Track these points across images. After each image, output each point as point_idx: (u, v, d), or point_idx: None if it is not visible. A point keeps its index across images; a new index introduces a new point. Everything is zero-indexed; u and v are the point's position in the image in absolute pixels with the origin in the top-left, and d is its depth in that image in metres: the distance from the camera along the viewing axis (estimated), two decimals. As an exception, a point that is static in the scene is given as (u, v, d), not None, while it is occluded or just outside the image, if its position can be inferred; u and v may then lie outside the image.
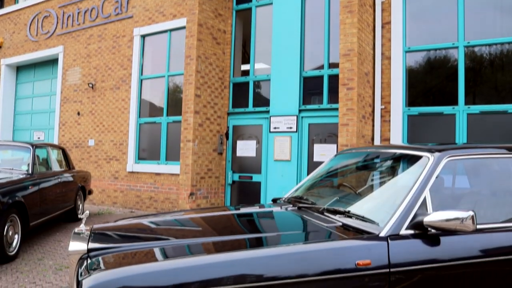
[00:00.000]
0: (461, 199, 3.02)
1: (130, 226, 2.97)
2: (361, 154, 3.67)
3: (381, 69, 7.43)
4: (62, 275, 5.01)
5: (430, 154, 2.75)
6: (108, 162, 11.09)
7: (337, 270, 2.21)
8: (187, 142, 8.32)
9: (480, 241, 2.55)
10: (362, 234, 2.46)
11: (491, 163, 2.94)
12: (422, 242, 2.42)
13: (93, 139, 11.48)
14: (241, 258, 2.14)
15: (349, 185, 3.40)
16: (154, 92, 10.63)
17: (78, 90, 11.98)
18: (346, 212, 2.82)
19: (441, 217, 2.35)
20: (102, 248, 2.42)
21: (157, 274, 2.00)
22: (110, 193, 10.94)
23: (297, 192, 3.73)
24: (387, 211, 2.57)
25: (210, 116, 8.75)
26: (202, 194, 8.49)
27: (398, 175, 3.04)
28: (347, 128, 6.58)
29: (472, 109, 6.74)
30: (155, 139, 10.36)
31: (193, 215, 3.25)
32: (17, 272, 5.08)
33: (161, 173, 9.97)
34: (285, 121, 8.13)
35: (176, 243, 2.46)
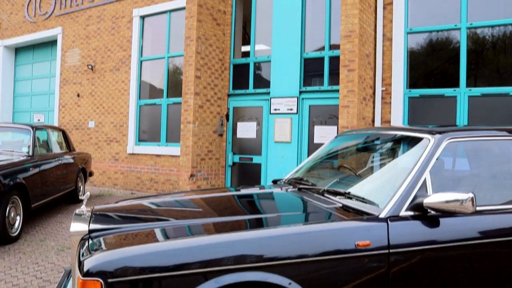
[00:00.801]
0: (461, 181, 3.02)
1: (131, 207, 2.99)
2: (361, 136, 3.67)
3: (382, 50, 7.37)
4: (64, 256, 5.06)
5: (430, 136, 2.75)
6: (108, 144, 11.10)
7: (337, 250, 2.23)
8: (187, 124, 8.31)
9: (479, 222, 2.56)
10: (362, 215, 2.47)
11: (492, 145, 2.93)
12: (422, 223, 2.44)
13: (93, 121, 11.47)
14: (241, 238, 2.15)
15: (349, 166, 3.41)
16: (154, 73, 10.57)
17: (78, 71, 11.92)
18: (346, 193, 2.82)
19: (441, 199, 2.36)
20: (103, 229, 2.43)
21: (158, 255, 2.02)
22: (111, 175, 10.97)
23: (297, 174, 3.73)
24: (387, 192, 2.57)
25: (210, 97, 8.72)
26: (203, 176, 8.52)
27: (399, 156, 3.04)
28: (347, 110, 6.56)
29: (473, 92, 6.71)
30: (155, 121, 10.34)
31: (193, 196, 3.26)
32: (20, 253, 5.12)
33: (161, 155, 9.98)
34: (286, 102, 8.10)
35: (176, 224, 2.47)
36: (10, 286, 4.07)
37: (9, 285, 4.08)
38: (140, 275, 1.97)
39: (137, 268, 1.97)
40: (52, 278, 4.30)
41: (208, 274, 2.03)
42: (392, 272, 2.32)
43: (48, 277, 4.33)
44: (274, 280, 2.10)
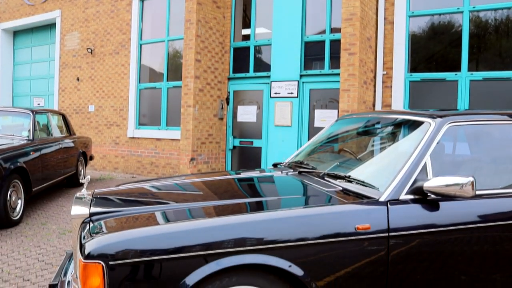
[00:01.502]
0: (461, 166, 3.02)
1: (132, 190, 2.99)
2: (362, 120, 3.66)
3: (383, 34, 7.31)
4: (65, 239, 5.09)
5: (431, 120, 2.74)
6: (108, 128, 11.09)
7: (336, 234, 2.24)
8: (187, 107, 8.29)
9: (479, 206, 2.57)
10: (362, 198, 2.48)
11: (493, 129, 2.93)
12: (422, 207, 2.44)
13: (93, 104, 11.44)
14: (242, 221, 2.16)
15: (349, 150, 3.41)
16: (154, 57, 10.51)
17: (77, 55, 11.85)
18: (346, 177, 2.83)
19: (441, 183, 2.36)
20: (104, 212, 2.44)
21: (158, 238, 2.03)
22: (111, 159, 10.98)
23: (297, 157, 3.73)
24: (387, 176, 2.58)
25: (210, 81, 8.68)
26: (203, 159, 8.53)
27: (399, 140, 3.04)
28: (348, 93, 6.53)
29: (475, 76, 6.68)
30: (156, 105, 10.32)
31: (194, 180, 3.26)
32: (22, 236, 5.16)
33: (161, 139, 9.98)
34: (286, 86, 8.07)
35: (177, 207, 2.48)
36: (13, 268, 4.11)
37: (12, 268, 4.12)
38: (141, 258, 1.98)
39: (138, 250, 1.98)
40: (54, 261, 4.33)
41: (208, 256, 2.04)
42: (391, 255, 2.33)
43: (50, 260, 4.36)
44: (274, 262, 2.11)
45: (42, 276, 3.92)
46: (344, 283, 2.27)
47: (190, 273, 2.02)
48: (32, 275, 3.94)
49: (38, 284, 3.74)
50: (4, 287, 3.68)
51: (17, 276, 3.92)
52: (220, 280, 2.09)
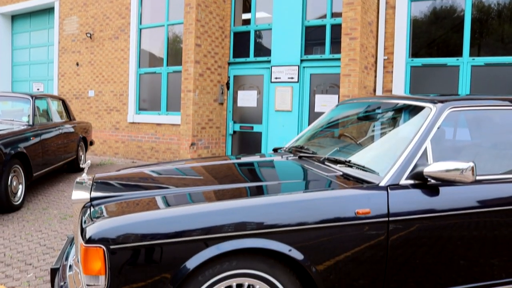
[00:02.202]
0: (462, 151, 3.02)
1: (132, 175, 3.00)
2: (362, 105, 3.64)
3: (385, 18, 7.25)
4: (67, 223, 5.12)
5: (432, 105, 2.73)
6: (108, 113, 11.07)
7: (336, 218, 2.24)
8: (187, 92, 8.26)
9: (478, 192, 2.57)
10: (362, 183, 2.48)
11: (494, 115, 2.92)
12: (422, 192, 2.45)
13: (93, 90, 11.40)
14: (242, 206, 2.16)
15: (350, 135, 3.40)
16: (154, 42, 10.44)
17: (76, 40, 11.77)
18: (346, 161, 2.83)
19: (441, 168, 2.36)
20: (105, 196, 2.45)
21: (159, 222, 2.03)
22: (111, 144, 10.99)
23: (298, 142, 3.73)
24: (388, 161, 2.58)
25: (210, 66, 8.63)
26: (203, 144, 8.53)
27: (400, 125, 3.03)
28: (349, 78, 6.50)
29: (476, 61, 6.64)
30: (156, 90, 10.28)
31: (194, 164, 3.27)
32: (23, 221, 5.18)
33: (162, 124, 9.97)
34: (287, 71, 8.03)
35: (177, 191, 2.48)
36: (15, 252, 4.14)
37: (14, 252, 4.15)
38: (141, 242, 1.99)
39: (138, 235, 1.99)
40: (55, 245, 4.36)
41: (208, 241, 2.05)
42: (391, 240, 2.35)
43: (52, 244, 4.39)
44: (274, 247, 2.12)
45: (44, 260, 3.95)
46: (343, 267, 2.28)
47: (191, 257, 2.03)
48: (34, 259, 3.97)
49: (40, 268, 3.77)
50: (7, 270, 3.71)
51: (19, 260, 3.95)
52: (221, 264, 2.10)
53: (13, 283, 3.48)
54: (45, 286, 3.44)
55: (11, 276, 3.60)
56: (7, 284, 3.46)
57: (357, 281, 2.33)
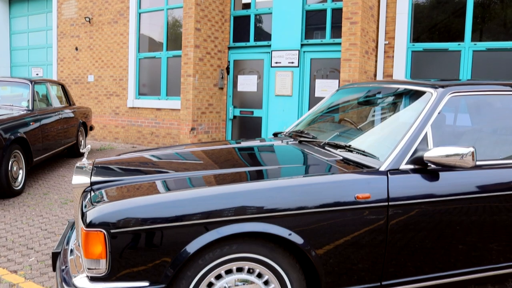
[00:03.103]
0: (462, 136, 3.02)
1: (132, 159, 3.00)
2: (363, 89, 3.63)
3: (386, 3, 7.18)
4: (67, 208, 5.14)
5: (433, 89, 2.72)
6: (108, 98, 11.04)
7: (336, 203, 2.25)
8: (187, 77, 8.23)
9: (478, 177, 2.57)
10: (362, 168, 2.48)
11: (495, 100, 2.91)
12: (422, 177, 2.45)
13: (93, 74, 11.35)
14: (242, 190, 2.17)
15: (350, 120, 3.39)
16: (153, 26, 10.36)
17: (75, 24, 11.68)
18: (347, 146, 2.83)
19: (441, 153, 2.36)
20: (105, 181, 2.45)
21: (159, 206, 2.04)
22: (111, 129, 10.98)
23: (298, 127, 3.73)
24: (388, 146, 2.57)
25: (210, 50, 8.58)
26: (203, 129, 8.52)
27: (400, 110, 3.02)
28: (349, 63, 6.47)
29: (478, 46, 6.59)
30: (155, 74, 10.24)
31: (194, 149, 3.27)
32: (24, 206, 5.20)
33: (162, 109, 9.95)
34: (287, 55, 7.99)
35: (177, 176, 2.48)
36: (16, 237, 4.16)
37: (15, 236, 4.17)
38: (142, 226, 2.00)
39: (139, 219, 2.00)
40: (56, 229, 4.39)
41: (209, 225, 2.06)
42: (390, 224, 2.36)
43: (53, 229, 4.41)
44: (274, 231, 2.13)
45: (45, 245, 3.98)
46: (343, 251, 2.30)
47: (191, 241, 2.04)
48: (36, 244, 4.00)
49: (42, 252, 3.80)
50: (9, 255, 3.74)
51: (21, 245, 3.97)
52: (221, 248, 2.12)
53: (15, 267, 3.51)
54: (47, 270, 3.46)
55: (13, 260, 3.63)
56: (9, 268, 3.49)
57: (357, 265, 2.35)
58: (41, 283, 3.23)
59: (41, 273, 3.40)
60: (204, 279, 2.14)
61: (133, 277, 2.02)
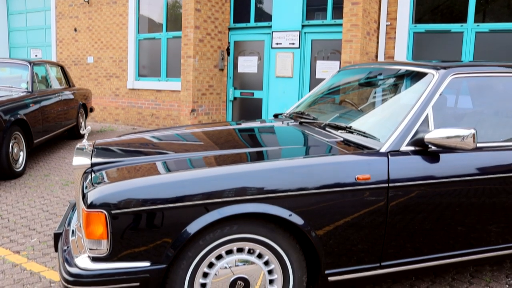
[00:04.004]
0: (463, 118, 3.01)
1: (133, 140, 2.99)
2: (364, 71, 3.61)
3: (388, -18, 7.09)
4: (68, 190, 5.16)
5: (435, 71, 2.70)
6: (108, 80, 10.99)
7: (337, 184, 2.25)
8: (187, 58, 8.18)
9: (479, 159, 2.57)
10: (363, 149, 2.48)
11: (497, 82, 2.89)
12: (422, 158, 2.45)
13: (92, 56, 11.28)
14: (242, 171, 2.17)
15: (351, 101, 3.38)
16: (153, 6, 10.25)
17: (74, 5, 11.55)
18: (347, 127, 2.82)
19: (442, 134, 2.36)
20: (105, 162, 2.45)
21: (160, 187, 2.04)
22: (112, 111, 10.95)
23: (298, 108, 3.71)
24: (389, 127, 2.57)
25: (210, 31, 8.51)
26: (204, 111, 8.50)
27: (401, 91, 3.01)
28: (350, 44, 6.42)
29: (481, 27, 6.53)
30: (155, 56, 10.17)
31: (194, 130, 3.26)
32: (26, 187, 5.22)
33: (162, 90, 9.91)
34: (288, 36, 7.92)
35: (178, 156, 2.48)
36: (18, 218, 4.19)
37: (17, 217, 4.20)
38: (143, 207, 2.00)
39: (140, 200, 2.00)
40: (58, 211, 4.41)
41: (209, 205, 2.07)
42: (390, 205, 2.36)
43: (54, 210, 4.44)
44: (275, 211, 2.14)
45: (47, 226, 4.00)
46: (343, 232, 2.31)
47: (192, 222, 2.05)
48: (38, 225, 4.02)
49: (44, 233, 3.82)
50: (11, 235, 3.76)
51: (23, 226, 4.00)
52: (221, 228, 2.13)
53: (18, 247, 3.53)
54: (49, 250, 3.49)
55: (15, 241, 3.66)
56: (12, 248, 3.52)
57: (356, 245, 2.37)
58: (43, 263, 3.26)
59: (43, 253, 3.43)
60: (204, 259, 2.15)
61: (134, 257, 2.04)
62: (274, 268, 2.29)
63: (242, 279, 2.23)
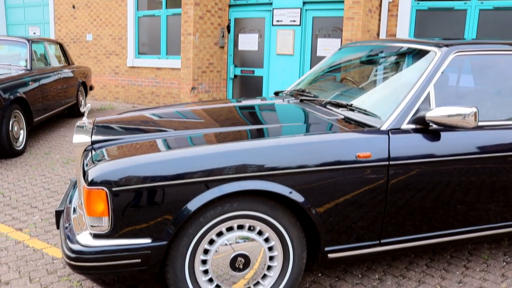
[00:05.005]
0: (465, 96, 2.99)
1: (133, 118, 2.98)
2: (365, 48, 3.57)
3: (391, -43, 6.97)
4: (69, 168, 5.17)
5: (437, 48, 2.68)
6: (107, 57, 10.90)
7: (337, 161, 2.25)
8: (187, 36, 8.10)
9: (480, 137, 2.57)
10: (364, 127, 2.47)
11: (501, 60, 2.86)
12: (423, 136, 2.44)
13: (91, 33, 11.16)
14: (243, 148, 2.16)
15: (352, 79, 3.36)
16: (151, -17, 10.11)
17: (72, -20, 11.39)
18: (348, 105, 2.81)
19: (443, 113, 2.35)
20: (106, 140, 2.45)
21: (160, 164, 2.04)
22: (112, 89, 10.90)
23: (299, 86, 3.69)
24: (390, 105, 2.56)
25: (210, 8, 8.40)
26: (204, 89, 8.46)
27: (403, 69, 2.98)
28: (352, 22, 6.34)
29: (485, 5, 6.44)
30: (155, 33, 10.07)
31: (195, 107, 3.25)
32: (27, 166, 5.23)
33: (162, 68, 9.85)
34: (289, 14, 7.82)
35: (178, 134, 2.48)
36: (20, 196, 4.21)
37: (19, 195, 4.22)
38: (143, 184, 2.00)
39: (140, 177, 2.01)
40: (59, 189, 4.43)
41: (210, 183, 2.07)
42: (391, 183, 2.37)
43: (55, 188, 4.46)
44: (275, 189, 2.14)
45: (48, 203, 4.02)
46: (343, 210, 2.32)
47: (192, 199, 2.06)
48: (39, 203, 4.04)
49: (45, 211, 3.85)
50: (14, 213, 3.79)
51: (25, 203, 4.02)
52: (222, 205, 2.14)
53: (20, 225, 3.56)
54: (51, 227, 3.52)
55: (18, 219, 3.68)
56: (14, 226, 3.54)
57: (356, 223, 2.38)
58: (45, 240, 3.29)
59: (45, 231, 3.46)
60: (205, 236, 2.17)
61: (135, 234, 2.05)
62: (274, 245, 2.31)
63: (243, 255, 2.25)
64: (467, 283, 2.78)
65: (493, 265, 3.01)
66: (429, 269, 2.95)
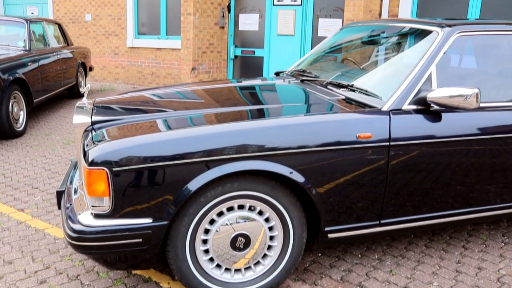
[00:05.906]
0: (467, 77, 2.97)
1: (133, 98, 2.97)
2: (367, 28, 3.53)
3: None
4: (69, 149, 5.17)
5: (439, 29, 2.65)
6: (107, 38, 10.81)
7: (338, 142, 2.25)
8: (187, 16, 8.02)
9: (481, 119, 2.56)
10: (365, 107, 2.46)
11: (504, 41, 2.83)
12: (424, 117, 2.43)
13: (90, 13, 11.05)
14: (243, 128, 2.16)
15: (353, 59, 3.33)
16: (151, -39, 9.96)
17: (70, -41, 11.23)
18: (349, 85, 2.79)
19: (445, 93, 2.33)
20: (106, 120, 2.44)
21: (161, 144, 2.04)
22: (111, 69, 10.84)
23: (300, 66, 3.67)
24: (391, 85, 2.54)
25: (210, -12, 8.30)
26: (204, 69, 8.42)
27: (405, 50, 2.96)
28: (354, 2, 6.27)
29: (488, -17, 6.34)
30: (155, 13, 9.96)
31: (195, 87, 3.23)
32: (27, 147, 5.24)
33: (162, 48, 9.77)
34: (290, -7, 7.73)
35: (179, 114, 2.47)
36: (21, 177, 4.22)
37: (20, 176, 4.23)
38: (144, 164, 2.00)
39: (141, 157, 2.00)
40: (60, 169, 4.44)
41: (210, 163, 2.07)
42: (391, 164, 2.37)
43: (56, 168, 4.47)
44: (276, 169, 2.15)
45: (49, 184, 4.04)
46: (343, 190, 2.32)
47: (193, 179, 2.06)
48: (40, 183, 4.06)
49: (47, 192, 3.86)
50: (15, 194, 3.80)
51: (26, 184, 4.03)
52: (222, 185, 2.14)
53: (22, 205, 3.58)
54: (52, 208, 3.54)
55: (19, 199, 3.70)
56: (16, 206, 3.56)
57: (356, 203, 2.39)
58: (47, 220, 3.31)
59: (46, 211, 3.48)
60: (205, 216, 2.18)
61: (136, 214, 2.06)
62: (274, 224, 2.32)
63: (243, 235, 2.27)
64: (466, 263, 2.81)
65: (491, 246, 3.03)
66: (428, 249, 2.97)
